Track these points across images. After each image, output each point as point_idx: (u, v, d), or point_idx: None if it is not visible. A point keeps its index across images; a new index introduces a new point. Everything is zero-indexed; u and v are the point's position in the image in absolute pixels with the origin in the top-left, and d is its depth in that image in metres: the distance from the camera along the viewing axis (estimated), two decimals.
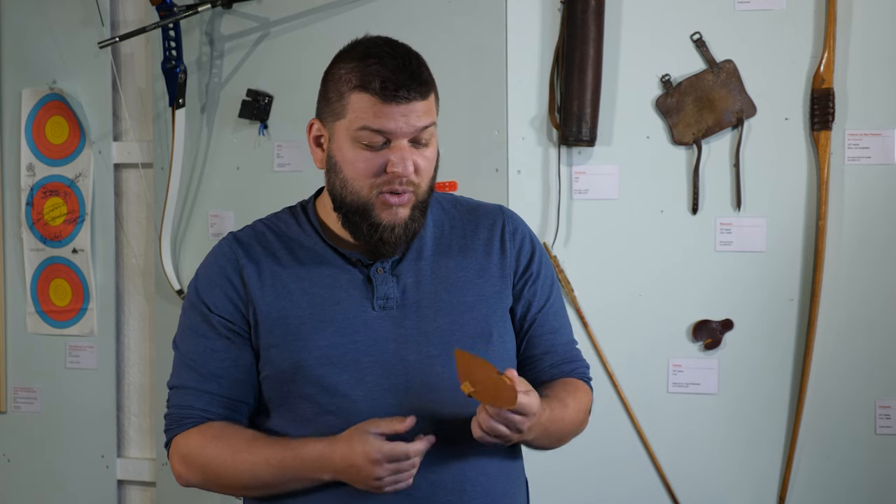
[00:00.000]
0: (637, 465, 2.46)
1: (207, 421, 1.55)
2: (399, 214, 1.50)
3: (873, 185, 2.34)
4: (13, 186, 2.86)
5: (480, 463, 1.53)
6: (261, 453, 1.49)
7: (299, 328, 1.52)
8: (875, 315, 2.35)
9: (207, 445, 1.53)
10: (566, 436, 1.63)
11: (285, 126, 2.62)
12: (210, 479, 1.54)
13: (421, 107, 1.48)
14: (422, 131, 1.48)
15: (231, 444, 1.51)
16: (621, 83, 2.46)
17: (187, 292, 1.62)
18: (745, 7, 2.38)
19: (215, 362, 1.56)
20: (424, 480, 1.48)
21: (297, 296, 1.53)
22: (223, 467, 1.52)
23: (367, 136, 1.47)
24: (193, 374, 1.56)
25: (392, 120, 1.46)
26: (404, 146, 1.47)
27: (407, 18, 2.53)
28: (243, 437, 1.52)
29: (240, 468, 1.50)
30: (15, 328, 2.87)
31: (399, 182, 1.47)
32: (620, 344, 2.46)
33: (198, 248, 2.70)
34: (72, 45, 2.78)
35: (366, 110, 1.46)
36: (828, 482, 2.37)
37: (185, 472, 1.56)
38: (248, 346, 1.56)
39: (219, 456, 1.51)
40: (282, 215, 1.63)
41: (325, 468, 1.46)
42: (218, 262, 1.59)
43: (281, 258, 1.56)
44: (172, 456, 1.58)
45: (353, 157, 1.48)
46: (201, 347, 1.56)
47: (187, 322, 1.60)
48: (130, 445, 2.86)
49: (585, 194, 2.48)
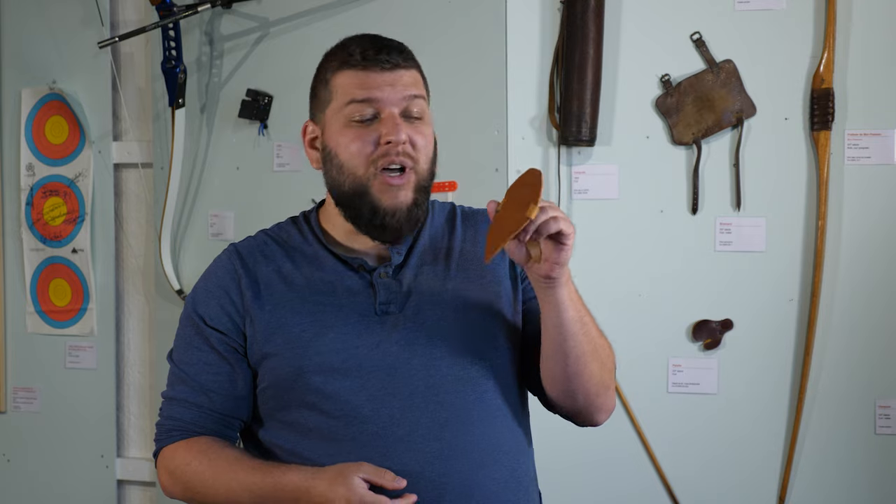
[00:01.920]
0: (637, 464, 2.46)
1: (196, 435, 1.54)
2: (400, 197, 1.48)
3: (873, 186, 2.34)
4: (13, 186, 2.86)
5: (488, 467, 1.48)
6: (241, 478, 1.47)
7: (300, 335, 1.50)
8: (875, 315, 2.35)
9: (192, 461, 1.51)
10: (597, 344, 1.52)
11: (285, 126, 2.62)
12: (191, 496, 1.53)
13: (407, 76, 1.48)
14: (411, 101, 1.48)
15: (214, 464, 1.50)
16: (621, 83, 2.46)
17: (185, 304, 1.60)
18: (745, 7, 2.38)
19: (208, 376, 1.54)
20: (431, 484, 1.44)
21: (298, 303, 1.51)
22: (204, 487, 1.50)
23: (355, 108, 1.47)
24: (185, 387, 1.55)
25: (378, 88, 1.46)
26: (395, 115, 1.47)
27: (407, 18, 2.53)
28: (227, 458, 1.50)
29: (219, 490, 1.49)
30: (15, 328, 2.87)
31: (395, 153, 1.46)
32: (620, 344, 2.43)
33: (198, 248, 2.70)
34: (72, 45, 2.78)
35: (351, 84, 1.48)
36: (828, 482, 2.37)
37: (170, 486, 1.55)
38: (242, 361, 1.54)
39: (202, 474, 1.50)
40: (284, 225, 1.63)
41: (300, 501, 1.43)
42: (216, 274, 1.57)
43: (282, 267, 1.55)
44: (159, 467, 1.57)
45: (345, 139, 1.48)
46: (194, 360, 1.55)
47: (182, 334, 1.58)
48: (130, 445, 2.87)
49: (585, 194, 2.48)
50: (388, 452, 1.45)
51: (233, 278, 1.54)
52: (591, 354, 1.50)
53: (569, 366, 1.48)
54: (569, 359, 1.48)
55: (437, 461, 1.45)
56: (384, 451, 1.45)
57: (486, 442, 1.49)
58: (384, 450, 1.45)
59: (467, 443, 1.47)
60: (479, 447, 1.48)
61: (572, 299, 1.46)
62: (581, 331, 1.47)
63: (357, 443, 1.46)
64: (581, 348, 1.47)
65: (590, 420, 1.58)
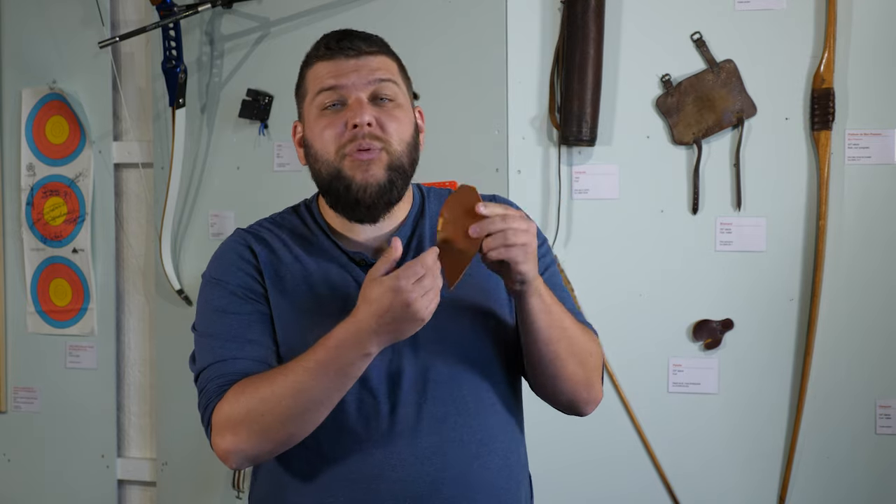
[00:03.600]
0: (637, 464, 2.46)
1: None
2: (371, 172, 1.49)
3: (873, 185, 2.34)
4: (13, 186, 2.86)
5: (483, 458, 1.52)
6: (295, 366, 1.41)
7: (309, 313, 1.51)
8: (875, 315, 2.35)
9: (244, 390, 1.44)
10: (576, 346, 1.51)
11: (285, 126, 2.62)
12: (255, 422, 1.42)
13: (375, 61, 1.52)
14: (379, 85, 1.51)
15: (265, 377, 1.44)
16: (621, 83, 2.46)
17: (203, 286, 1.58)
18: (745, 7, 2.38)
19: (252, 329, 1.51)
20: (429, 477, 1.47)
21: (306, 289, 1.53)
22: (264, 401, 1.41)
23: (324, 97, 1.51)
24: (231, 345, 1.50)
25: (344, 76, 1.50)
26: (361, 99, 1.50)
27: (407, 18, 2.53)
28: (273, 371, 1.45)
29: (280, 392, 1.40)
30: (15, 328, 2.87)
31: (361, 136, 1.48)
32: (621, 344, 2.46)
33: (198, 248, 2.70)
34: (72, 45, 2.78)
35: (320, 76, 1.52)
36: (828, 482, 2.37)
37: (231, 436, 1.43)
38: (269, 311, 1.53)
39: (257, 392, 1.43)
40: (285, 214, 1.64)
41: (361, 339, 1.37)
42: (231, 248, 1.58)
43: (291, 247, 1.57)
44: (215, 430, 1.47)
45: (318, 128, 1.52)
46: (231, 320, 1.52)
47: (212, 305, 1.54)
48: (130, 445, 2.86)
49: (586, 194, 2.48)
50: (388, 446, 1.47)
51: (246, 248, 1.56)
52: (570, 357, 1.51)
53: (546, 367, 1.52)
54: (545, 361, 1.51)
55: (436, 456, 1.48)
56: (385, 445, 1.47)
57: (481, 433, 1.52)
58: (385, 443, 1.47)
59: (464, 435, 1.50)
60: (475, 439, 1.50)
61: (544, 306, 1.47)
62: (558, 335, 1.49)
63: (357, 436, 1.48)
64: (557, 352, 1.50)
65: (576, 412, 1.61)
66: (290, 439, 1.44)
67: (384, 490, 1.47)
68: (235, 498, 2.65)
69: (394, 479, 1.47)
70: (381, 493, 1.47)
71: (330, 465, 1.49)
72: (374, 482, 1.47)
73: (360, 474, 1.48)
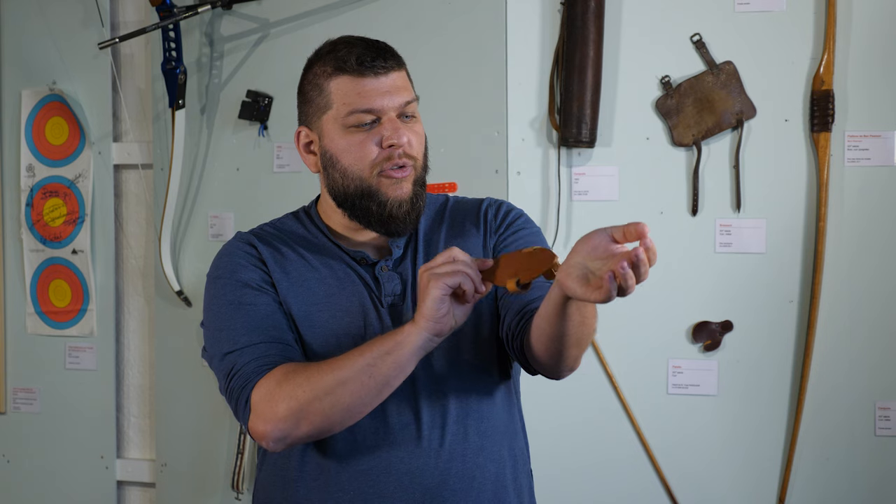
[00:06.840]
0: (636, 466, 2.46)
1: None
2: (404, 188, 1.53)
3: (873, 187, 2.34)
4: (13, 187, 2.86)
5: (487, 450, 1.55)
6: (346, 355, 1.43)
7: (314, 312, 1.54)
8: (875, 316, 2.35)
9: (292, 371, 1.45)
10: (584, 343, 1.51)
11: (285, 127, 2.62)
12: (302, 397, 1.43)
13: (399, 79, 1.54)
14: (406, 105, 1.54)
15: (314, 364, 1.45)
16: (621, 84, 2.46)
17: (210, 284, 1.58)
18: (745, 8, 2.38)
19: (273, 317, 1.52)
20: (436, 471, 1.50)
21: (313, 284, 1.56)
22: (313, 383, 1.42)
23: (357, 118, 1.51)
24: (255, 334, 1.50)
25: (378, 96, 1.51)
26: (394, 119, 1.52)
27: (407, 19, 2.53)
28: (332, 359, 1.46)
29: (332, 373, 1.42)
30: (15, 329, 2.87)
31: (398, 155, 1.51)
32: (620, 345, 2.46)
33: (198, 250, 2.70)
34: (72, 46, 2.78)
35: (349, 93, 1.52)
36: (827, 483, 2.37)
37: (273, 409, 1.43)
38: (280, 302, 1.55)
39: (305, 370, 1.44)
40: (285, 219, 1.67)
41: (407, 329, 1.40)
42: (235, 246, 1.60)
43: (293, 247, 1.60)
44: (255, 409, 1.45)
45: (347, 144, 1.53)
46: (249, 311, 1.52)
47: (226, 299, 1.54)
48: (130, 446, 2.86)
49: (585, 195, 2.48)
50: (396, 440, 1.50)
51: (251, 248, 1.58)
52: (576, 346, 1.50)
53: (552, 355, 1.49)
54: (553, 348, 1.48)
55: (442, 450, 1.51)
56: (393, 439, 1.50)
57: (484, 426, 1.55)
58: (393, 437, 1.50)
59: (468, 428, 1.53)
60: (479, 431, 1.54)
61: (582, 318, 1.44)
62: (579, 334, 1.47)
63: (365, 430, 1.50)
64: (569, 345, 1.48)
65: (554, 376, 1.57)
66: (337, 426, 1.45)
67: (392, 483, 1.50)
68: (235, 499, 2.65)
69: (402, 472, 1.50)
70: (389, 486, 1.49)
71: (339, 459, 1.52)
72: (383, 475, 1.50)
73: (369, 467, 1.50)
